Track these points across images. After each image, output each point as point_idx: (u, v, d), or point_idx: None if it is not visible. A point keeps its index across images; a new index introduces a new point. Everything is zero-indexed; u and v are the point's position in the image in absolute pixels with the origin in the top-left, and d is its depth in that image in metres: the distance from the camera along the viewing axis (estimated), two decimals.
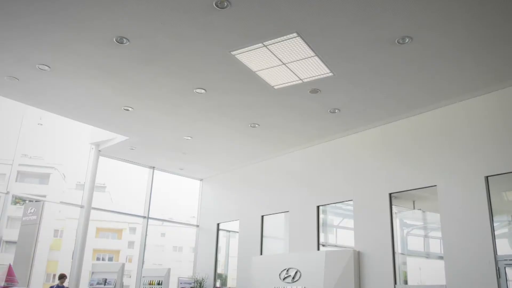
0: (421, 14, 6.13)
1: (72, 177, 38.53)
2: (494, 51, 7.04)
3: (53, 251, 37.51)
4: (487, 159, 8.19)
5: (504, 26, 6.38)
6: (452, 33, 6.56)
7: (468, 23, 6.31)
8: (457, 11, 6.05)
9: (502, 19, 6.21)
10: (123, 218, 33.38)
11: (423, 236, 9.59)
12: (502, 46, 6.91)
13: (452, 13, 6.09)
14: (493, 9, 5.98)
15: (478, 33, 6.55)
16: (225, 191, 14.13)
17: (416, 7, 5.98)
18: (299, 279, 10.26)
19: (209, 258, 13.75)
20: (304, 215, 11.13)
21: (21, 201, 20.92)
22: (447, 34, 6.60)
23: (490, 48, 6.97)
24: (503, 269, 7.60)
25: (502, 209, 8.13)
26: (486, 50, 7.03)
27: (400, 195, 9.59)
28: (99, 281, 11.48)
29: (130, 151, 12.46)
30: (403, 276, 9.18)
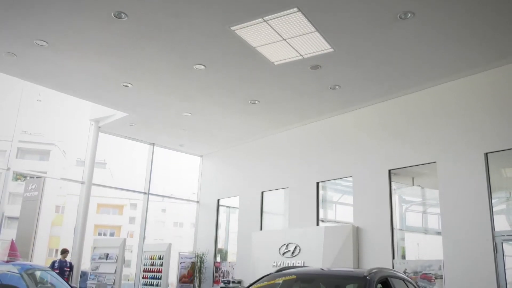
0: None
1: (72, 154, 38.59)
2: (495, 27, 6.96)
3: (55, 226, 37.89)
4: (486, 136, 8.20)
5: (506, 2, 6.29)
6: (454, 9, 6.47)
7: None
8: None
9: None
10: (124, 194, 33.58)
11: (421, 212, 9.67)
12: (503, 23, 6.82)
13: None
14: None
15: (479, 9, 6.47)
16: (225, 167, 14.18)
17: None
18: (298, 254, 10.39)
19: (209, 233, 13.89)
20: (304, 191, 11.20)
21: (22, 177, 21.02)
22: (449, 10, 6.51)
23: (491, 25, 6.89)
24: (500, 245, 7.69)
25: (501, 185, 8.18)
26: (488, 27, 6.95)
27: (400, 171, 9.62)
28: (101, 256, 11.63)
29: (129, 127, 12.45)
30: (401, 251, 9.30)
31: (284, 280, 5.25)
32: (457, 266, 8.09)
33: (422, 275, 8.55)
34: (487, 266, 7.70)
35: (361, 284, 4.49)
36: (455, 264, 8.12)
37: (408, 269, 8.73)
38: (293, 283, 5.25)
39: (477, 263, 7.84)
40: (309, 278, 5.25)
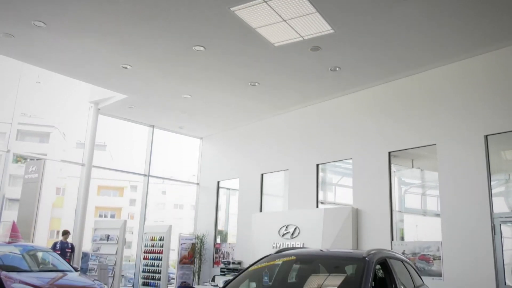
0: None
1: (72, 136, 38.60)
2: (495, 9, 6.88)
3: (56, 208, 38.12)
4: (487, 118, 8.18)
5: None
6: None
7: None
8: None
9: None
10: (124, 176, 33.68)
11: (420, 194, 9.71)
12: (502, 5, 6.74)
13: None
14: None
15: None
16: (225, 149, 14.19)
17: None
18: (298, 235, 10.47)
19: (209, 215, 13.98)
20: (304, 173, 11.22)
21: (22, 159, 21.04)
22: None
23: (491, 6, 6.81)
24: (498, 226, 7.74)
25: (500, 168, 8.20)
26: (488, 9, 6.87)
27: (399, 153, 9.63)
28: (102, 237, 11.72)
29: (129, 109, 12.41)
30: (400, 232, 9.37)
31: (283, 261, 5.30)
32: (455, 247, 8.16)
33: (420, 256, 8.63)
34: (485, 248, 7.77)
35: (360, 265, 4.53)
36: (453, 246, 8.19)
37: (407, 251, 8.81)
38: (293, 264, 5.29)
39: (475, 245, 7.91)
40: (309, 259, 5.30)
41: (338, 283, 4.63)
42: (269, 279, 5.48)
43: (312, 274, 4.95)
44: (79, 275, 8.56)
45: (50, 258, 8.88)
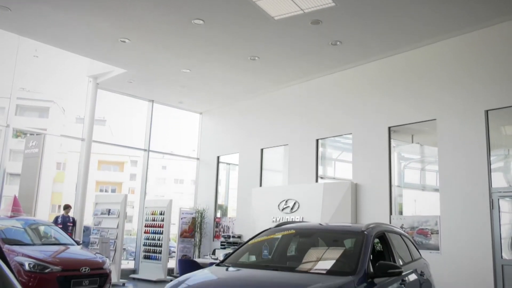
0: None
1: (71, 111, 38.51)
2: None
3: (57, 183, 38.33)
4: (488, 93, 8.14)
5: None
6: None
7: None
8: None
9: None
10: (124, 151, 33.77)
11: (419, 169, 9.75)
12: None
13: None
14: None
15: None
16: (225, 124, 14.17)
17: None
18: (297, 210, 10.56)
19: (209, 190, 14.06)
20: (303, 148, 11.24)
21: (22, 134, 21.05)
22: None
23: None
24: (496, 201, 7.80)
25: (500, 143, 8.20)
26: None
27: (399, 129, 9.63)
28: (103, 211, 11.82)
29: (128, 84, 12.34)
30: (398, 207, 9.45)
31: (283, 234, 5.36)
32: (453, 221, 8.24)
33: (418, 230, 8.72)
34: (483, 222, 7.85)
35: (359, 238, 4.59)
36: (451, 220, 8.27)
37: (405, 225, 8.90)
38: (292, 237, 5.35)
39: (473, 219, 7.98)
40: (308, 233, 5.36)
41: (337, 256, 4.69)
42: (268, 253, 5.55)
43: (311, 247, 5.02)
44: (81, 248, 8.67)
45: (52, 232, 8.97)
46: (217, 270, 4.60)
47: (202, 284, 4.15)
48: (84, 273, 7.50)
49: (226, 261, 4.82)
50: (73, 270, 7.41)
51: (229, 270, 4.55)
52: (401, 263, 5.10)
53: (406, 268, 5.08)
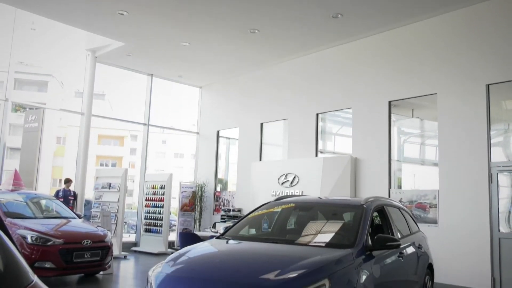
0: None
1: (70, 85, 38.31)
2: None
3: (57, 157, 38.45)
4: (489, 67, 8.08)
5: None
6: None
7: None
8: None
9: None
10: (124, 125, 33.75)
11: (419, 143, 9.76)
12: None
13: None
14: None
15: None
16: (225, 98, 14.11)
17: None
18: (297, 184, 10.62)
19: (209, 164, 14.11)
20: (303, 122, 11.22)
21: (21, 108, 20.99)
22: None
23: None
24: (495, 175, 7.83)
25: (500, 117, 8.19)
26: None
27: (400, 103, 9.59)
28: (104, 185, 11.88)
29: (127, 57, 12.22)
30: (397, 181, 9.50)
31: (282, 208, 5.40)
32: (452, 195, 8.29)
33: (417, 204, 8.79)
34: (481, 196, 7.90)
35: (358, 212, 4.63)
36: (450, 194, 8.33)
37: (404, 198, 8.96)
38: (292, 211, 5.40)
39: (471, 193, 8.03)
40: (307, 207, 5.40)
41: (336, 230, 4.74)
42: (268, 226, 5.60)
43: (310, 221, 5.06)
44: (82, 221, 8.75)
45: (54, 205, 9.04)
46: (217, 243, 4.65)
47: (202, 257, 4.21)
48: (86, 245, 7.59)
49: (226, 234, 4.88)
50: (75, 243, 7.49)
51: (229, 243, 4.60)
52: (399, 236, 5.15)
53: (404, 241, 5.14)
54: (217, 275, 3.59)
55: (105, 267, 8.08)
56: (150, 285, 3.68)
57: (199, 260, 4.10)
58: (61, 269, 7.26)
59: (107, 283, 7.85)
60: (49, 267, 7.12)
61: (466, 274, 7.93)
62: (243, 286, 3.34)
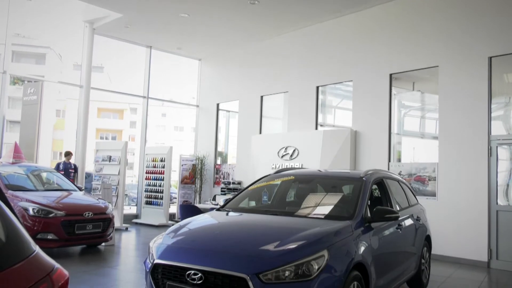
0: None
1: (68, 58, 37.98)
2: None
3: (57, 130, 38.47)
4: (491, 39, 7.98)
5: None
6: None
7: None
8: None
9: None
10: (123, 98, 33.61)
11: (419, 117, 9.74)
12: None
13: None
14: None
15: None
16: (225, 71, 14.00)
17: None
18: (297, 157, 10.65)
19: (209, 137, 14.12)
20: (303, 95, 11.17)
21: (20, 81, 20.87)
22: None
23: None
24: (495, 148, 7.85)
25: (502, 90, 8.14)
26: None
27: (401, 76, 9.52)
28: (104, 158, 11.91)
29: (125, 29, 12.06)
30: (397, 154, 9.52)
31: (282, 180, 5.43)
32: (451, 168, 8.33)
33: (416, 177, 8.83)
34: (480, 169, 7.94)
35: (357, 184, 4.65)
36: (449, 167, 8.36)
37: (403, 171, 9.00)
38: (291, 183, 5.43)
39: (471, 166, 8.07)
40: (307, 179, 5.43)
41: (336, 202, 4.77)
42: (268, 198, 5.65)
43: (310, 193, 5.10)
44: (83, 194, 8.82)
45: (55, 178, 9.09)
46: (217, 214, 4.69)
47: (203, 228, 4.26)
48: (87, 217, 7.67)
49: (226, 206, 4.92)
50: (76, 215, 7.57)
51: (229, 215, 4.65)
52: (398, 209, 5.20)
53: (402, 213, 5.19)
54: (217, 246, 3.64)
55: (107, 239, 8.18)
56: (152, 256, 3.74)
57: (199, 232, 4.15)
58: (64, 240, 7.36)
59: (109, 254, 7.96)
60: (52, 239, 7.22)
61: (463, 245, 8.04)
62: (243, 257, 3.39)
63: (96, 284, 5.73)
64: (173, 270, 3.49)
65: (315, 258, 3.32)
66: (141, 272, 6.34)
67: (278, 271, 3.22)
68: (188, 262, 3.44)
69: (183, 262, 3.47)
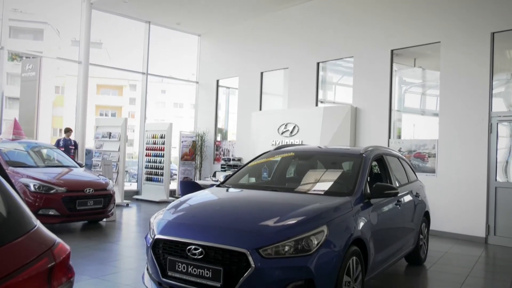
0: None
1: (66, 33, 37.57)
2: None
3: (57, 107, 38.36)
4: (494, 14, 7.88)
5: None
6: None
7: None
8: None
9: None
10: (122, 75, 33.42)
11: (420, 94, 9.69)
12: None
13: None
14: None
15: None
16: (224, 47, 13.86)
17: None
18: (297, 133, 10.64)
19: (209, 114, 14.08)
20: (304, 71, 11.09)
21: (18, 57, 20.68)
22: None
23: None
24: (495, 125, 7.83)
25: (504, 67, 8.08)
26: None
27: (402, 52, 9.43)
28: (104, 135, 11.90)
29: (123, 4, 11.88)
30: (397, 131, 9.51)
31: (282, 157, 5.43)
32: (451, 145, 8.33)
33: (416, 153, 8.84)
34: (480, 146, 7.94)
35: (357, 161, 4.66)
36: (449, 144, 8.36)
37: (403, 148, 9.01)
38: (291, 160, 5.44)
39: (471, 143, 8.07)
40: (307, 156, 5.43)
41: (335, 178, 4.79)
42: (268, 175, 5.66)
43: (310, 169, 5.11)
44: (84, 170, 8.84)
45: (55, 154, 9.10)
46: (217, 190, 4.71)
47: (203, 204, 4.28)
48: (88, 194, 7.71)
49: (227, 183, 4.93)
50: (77, 191, 7.61)
51: (229, 191, 4.66)
52: (398, 185, 5.22)
53: (402, 189, 5.21)
54: (218, 221, 3.66)
55: (108, 215, 8.25)
56: (152, 231, 3.77)
57: (199, 208, 4.17)
58: (65, 216, 7.41)
59: (111, 230, 8.04)
60: (53, 214, 7.28)
61: (462, 221, 8.11)
62: (244, 232, 3.42)
63: (97, 259, 5.80)
64: (174, 245, 3.52)
65: (315, 233, 3.35)
66: (142, 248, 6.41)
67: (278, 246, 3.25)
68: (188, 238, 3.47)
69: (184, 237, 3.49)
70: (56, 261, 1.58)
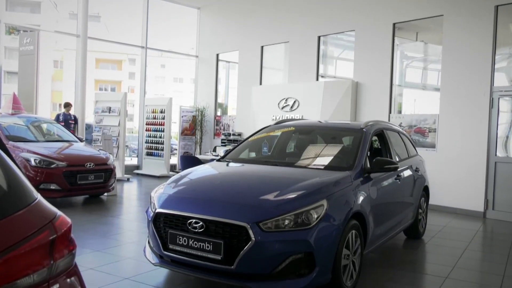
0: None
1: (64, 6, 37.03)
2: None
3: (56, 81, 38.14)
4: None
5: None
6: None
7: None
8: None
9: None
10: (121, 49, 33.07)
11: (421, 68, 9.61)
12: None
13: None
14: None
15: None
16: (224, 20, 13.67)
17: None
18: (297, 108, 10.60)
19: (209, 88, 13.99)
20: (304, 46, 10.97)
21: (15, 31, 20.44)
22: None
23: None
24: (496, 100, 7.79)
25: (506, 41, 7.99)
26: None
27: (404, 25, 9.31)
28: (104, 109, 11.86)
29: None
30: (398, 106, 9.47)
31: (282, 132, 5.43)
32: (452, 120, 8.31)
33: (416, 128, 8.83)
34: (481, 121, 7.92)
35: (357, 135, 4.65)
36: (450, 118, 8.34)
37: (404, 123, 8.99)
38: (292, 135, 5.43)
39: (472, 118, 8.04)
40: (307, 130, 5.42)
41: (335, 153, 4.79)
42: (268, 149, 5.67)
43: (310, 144, 5.11)
44: (84, 145, 8.84)
45: (55, 129, 9.08)
46: (218, 165, 4.72)
47: (203, 178, 4.29)
48: (89, 168, 7.73)
49: (227, 157, 4.94)
50: (78, 165, 7.62)
51: (230, 166, 4.67)
52: (398, 160, 5.23)
53: (402, 164, 5.22)
54: (218, 195, 3.68)
55: (109, 189, 8.29)
56: (153, 205, 3.79)
57: (200, 182, 4.18)
58: (66, 190, 7.46)
59: (112, 204, 8.10)
60: (54, 189, 7.31)
61: (461, 196, 8.16)
62: (244, 206, 3.44)
63: (99, 232, 5.86)
64: (175, 219, 3.55)
65: (314, 207, 3.37)
66: (143, 221, 6.47)
67: (278, 220, 3.27)
68: (189, 211, 3.49)
69: (185, 211, 3.52)
70: (57, 233, 1.58)
